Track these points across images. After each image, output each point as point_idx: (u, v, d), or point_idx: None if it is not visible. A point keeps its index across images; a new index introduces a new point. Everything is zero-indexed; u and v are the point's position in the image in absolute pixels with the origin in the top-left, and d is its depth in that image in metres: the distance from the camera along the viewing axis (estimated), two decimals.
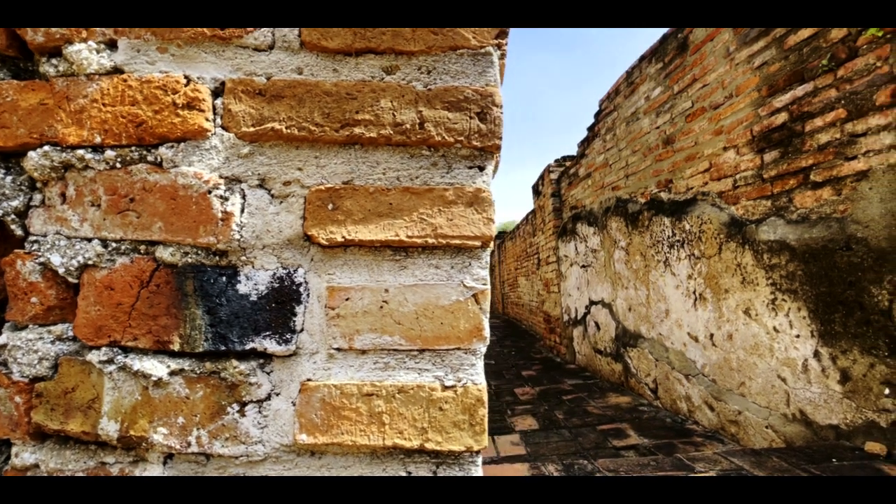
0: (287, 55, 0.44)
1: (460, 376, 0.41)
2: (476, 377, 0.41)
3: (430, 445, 0.40)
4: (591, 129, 4.21)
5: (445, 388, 0.41)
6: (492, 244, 0.43)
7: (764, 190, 2.18)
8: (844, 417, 1.81)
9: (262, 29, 0.44)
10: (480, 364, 0.42)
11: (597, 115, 4.09)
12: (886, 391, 1.65)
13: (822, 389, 1.90)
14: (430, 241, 0.42)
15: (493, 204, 0.43)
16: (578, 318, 4.58)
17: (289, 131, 0.43)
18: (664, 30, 3.11)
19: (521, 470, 1.67)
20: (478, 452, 0.41)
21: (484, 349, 0.42)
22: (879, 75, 1.63)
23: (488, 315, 0.43)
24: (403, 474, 0.41)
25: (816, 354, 1.92)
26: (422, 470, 0.41)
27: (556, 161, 5.28)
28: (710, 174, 2.57)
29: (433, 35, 0.43)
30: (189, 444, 0.41)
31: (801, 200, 1.97)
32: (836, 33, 1.79)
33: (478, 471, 0.41)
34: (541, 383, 4.06)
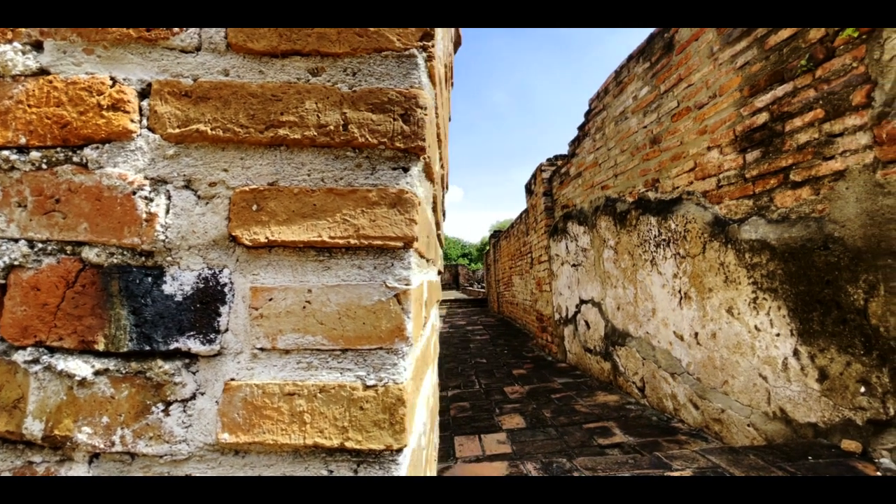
0: (213, 57, 0.44)
1: (382, 376, 0.42)
2: (398, 377, 0.42)
3: (350, 444, 0.41)
4: (581, 128, 4.22)
5: (367, 387, 0.41)
6: (415, 244, 0.43)
7: (746, 189, 2.19)
8: (822, 415, 1.82)
9: (189, 30, 0.44)
10: (403, 363, 0.42)
11: (587, 114, 4.10)
12: (862, 389, 1.66)
13: (801, 388, 1.92)
14: (353, 241, 0.42)
15: (416, 205, 0.43)
16: (569, 316, 4.59)
17: (214, 133, 0.43)
18: (651, 29, 3.11)
19: (499, 468, 1.68)
20: (398, 451, 0.41)
21: (408, 349, 0.43)
22: (855, 76, 1.64)
23: (412, 315, 0.43)
24: (325, 473, 0.41)
25: (796, 353, 1.93)
26: (343, 468, 0.41)
27: (548, 160, 5.28)
28: (694, 174, 2.58)
29: (358, 37, 0.43)
30: (113, 444, 0.42)
31: (782, 200, 1.98)
32: (815, 34, 1.80)
33: (399, 469, 0.41)
34: (531, 382, 4.08)
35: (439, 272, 1.28)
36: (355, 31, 0.43)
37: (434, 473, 1.12)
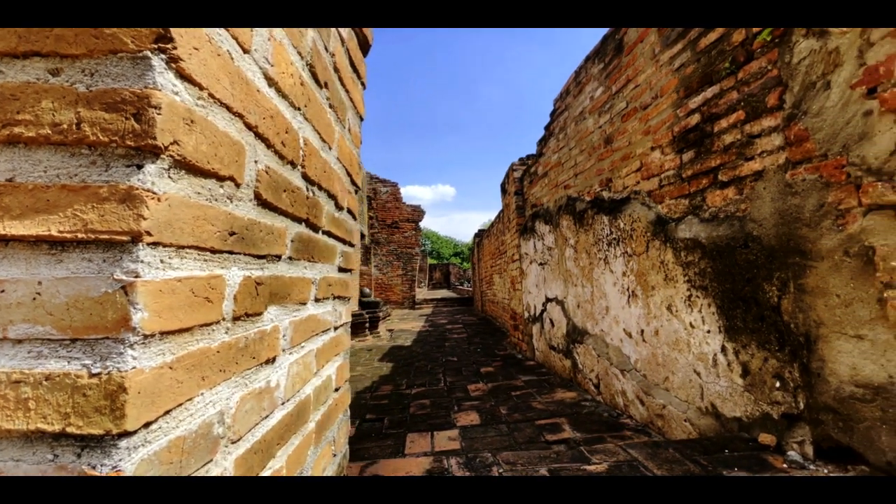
0: None
1: (107, 364, 0.44)
2: (122, 365, 0.43)
3: (71, 429, 0.43)
4: (547, 127, 4.26)
5: (92, 375, 0.43)
6: (146, 238, 0.45)
7: (683, 189, 2.23)
8: (745, 410, 1.87)
9: None
10: (131, 352, 0.44)
11: (552, 114, 4.14)
12: (777, 384, 1.71)
13: (728, 383, 1.96)
14: (81, 235, 0.44)
15: (146, 201, 0.45)
16: (536, 314, 4.63)
17: None
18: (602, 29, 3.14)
19: (423, 463, 1.70)
20: (119, 436, 0.43)
21: (135, 338, 0.44)
22: (770, 78, 1.68)
23: (140, 306, 0.45)
24: (50, 456, 0.43)
25: (723, 349, 1.97)
26: (67, 453, 0.43)
27: (520, 160, 5.32)
28: (641, 173, 2.62)
29: (94, 38, 0.45)
30: None
31: (712, 199, 2.03)
32: (737, 37, 1.84)
33: (122, 453, 0.43)
34: (496, 380, 4.11)
35: (341, 269, 1.30)
36: (92, 33, 0.45)
37: (321, 471, 1.14)
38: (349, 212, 1.34)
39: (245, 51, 0.64)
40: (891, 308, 1.30)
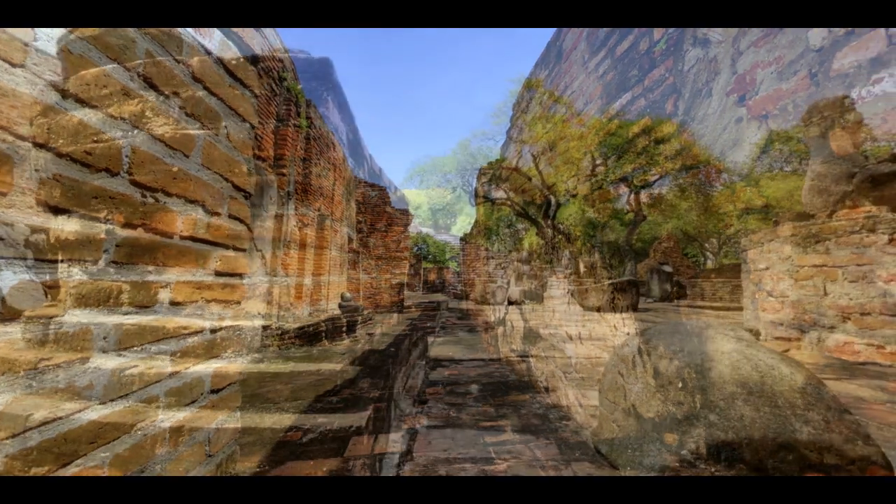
0: None
1: None
2: None
3: None
4: (507, 132, 4.31)
5: None
6: None
7: (607, 194, 2.27)
8: (658, 410, 1.90)
9: None
10: None
11: (511, 119, 4.19)
12: (680, 384, 1.73)
13: (644, 384, 1.99)
14: None
15: None
16: (502, 317, 4.66)
17: None
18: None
19: (331, 464, 1.73)
20: None
21: None
22: (668, 86, 1.73)
23: None
24: None
25: (639, 350, 2.00)
26: None
27: (489, 164, 5.37)
28: (577, 178, 2.66)
29: None
30: None
31: (630, 203, 2.06)
32: (643, 45, 1.89)
33: None
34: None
35: (220, 273, 1.33)
36: None
37: (182, 472, 1.16)
38: (233, 217, 1.37)
39: (14, 65, 0.67)
40: (760, 308, 1.33)
